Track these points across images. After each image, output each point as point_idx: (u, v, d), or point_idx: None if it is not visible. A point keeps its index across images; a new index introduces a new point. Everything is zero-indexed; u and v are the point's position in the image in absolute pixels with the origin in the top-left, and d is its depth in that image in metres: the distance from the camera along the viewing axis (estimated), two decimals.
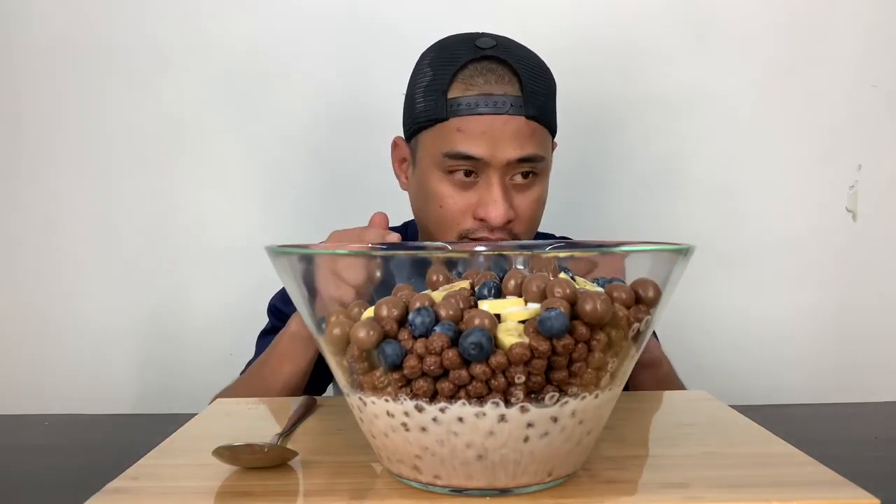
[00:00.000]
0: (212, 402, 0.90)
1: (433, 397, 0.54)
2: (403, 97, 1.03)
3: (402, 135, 1.06)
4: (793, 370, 1.41)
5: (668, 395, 0.91)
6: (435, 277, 0.60)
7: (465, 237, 0.98)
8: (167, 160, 1.40)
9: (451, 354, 0.52)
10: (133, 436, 0.91)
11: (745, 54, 1.41)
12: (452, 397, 0.54)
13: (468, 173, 0.97)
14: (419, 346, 0.53)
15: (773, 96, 1.42)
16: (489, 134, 0.95)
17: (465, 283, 0.58)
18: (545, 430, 0.55)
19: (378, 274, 0.58)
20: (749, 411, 0.81)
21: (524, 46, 1.01)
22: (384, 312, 0.55)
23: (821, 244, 1.43)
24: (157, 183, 1.41)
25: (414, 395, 0.54)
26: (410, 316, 0.54)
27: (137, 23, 1.39)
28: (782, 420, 0.88)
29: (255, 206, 1.41)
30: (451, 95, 0.96)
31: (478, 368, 0.53)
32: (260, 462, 0.64)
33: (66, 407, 1.24)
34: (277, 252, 0.60)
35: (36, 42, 1.39)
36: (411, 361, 0.53)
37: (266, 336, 1.12)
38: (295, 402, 0.85)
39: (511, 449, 0.55)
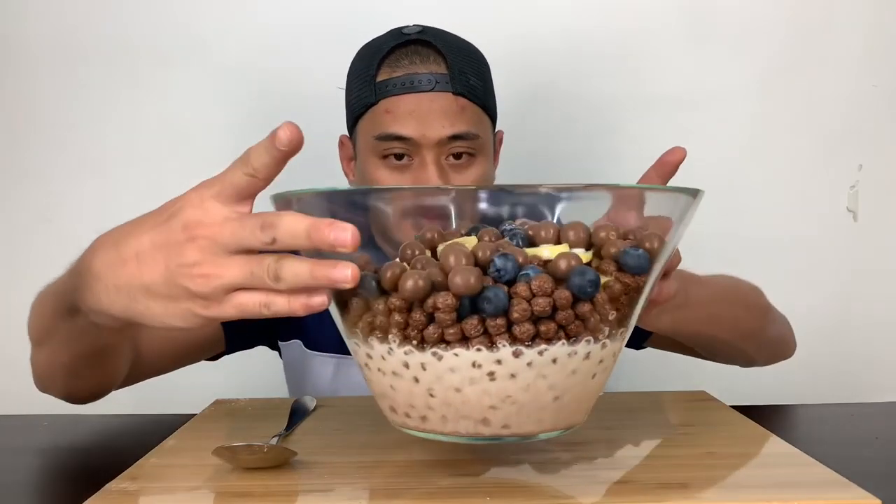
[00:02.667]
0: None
1: (531, 340, 0.53)
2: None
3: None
4: (793, 370, 1.41)
5: (668, 396, 0.91)
6: (430, 235, 0.58)
7: None
8: (167, 160, 1.40)
9: (563, 294, 0.52)
10: (133, 436, 0.91)
11: (745, 54, 1.41)
12: (552, 339, 0.53)
13: (400, 156, 0.97)
14: (523, 289, 0.52)
15: (773, 96, 1.42)
16: (417, 113, 0.95)
17: (473, 239, 0.56)
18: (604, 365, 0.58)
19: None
20: (749, 411, 0.81)
21: (456, 35, 1.02)
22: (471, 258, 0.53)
23: (821, 244, 1.42)
24: (156, 183, 1.41)
25: (514, 340, 0.53)
26: (498, 261, 0.52)
27: (137, 23, 1.39)
28: (782, 420, 0.88)
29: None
30: (378, 79, 0.97)
31: (585, 307, 0.53)
32: (260, 462, 0.64)
33: (66, 407, 1.23)
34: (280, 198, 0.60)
35: (35, 42, 1.39)
36: (522, 305, 0.52)
37: None
38: (294, 403, 0.85)
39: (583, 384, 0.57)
